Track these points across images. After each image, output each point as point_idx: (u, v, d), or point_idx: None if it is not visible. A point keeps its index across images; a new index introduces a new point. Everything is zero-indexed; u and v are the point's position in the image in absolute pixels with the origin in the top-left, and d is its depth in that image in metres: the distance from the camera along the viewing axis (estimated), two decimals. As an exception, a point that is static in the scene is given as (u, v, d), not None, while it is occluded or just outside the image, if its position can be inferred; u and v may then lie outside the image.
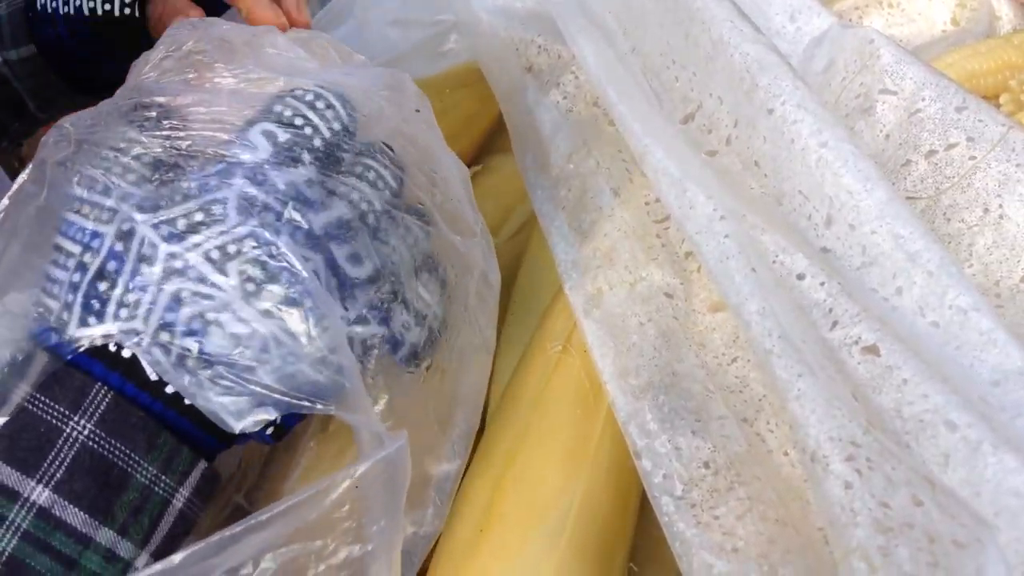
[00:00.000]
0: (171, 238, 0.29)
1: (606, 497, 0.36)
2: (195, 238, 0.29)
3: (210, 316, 0.29)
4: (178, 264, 0.29)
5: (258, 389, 0.29)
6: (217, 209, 0.30)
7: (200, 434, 0.30)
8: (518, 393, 0.39)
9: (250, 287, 0.29)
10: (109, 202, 0.30)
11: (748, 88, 0.41)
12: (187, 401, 0.29)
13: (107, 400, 0.28)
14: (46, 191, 0.31)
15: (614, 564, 0.36)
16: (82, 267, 0.30)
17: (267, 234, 0.30)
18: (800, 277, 0.34)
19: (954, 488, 0.28)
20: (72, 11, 0.45)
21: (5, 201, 0.33)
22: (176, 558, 0.27)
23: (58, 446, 0.27)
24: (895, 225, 0.34)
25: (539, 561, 0.33)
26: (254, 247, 0.30)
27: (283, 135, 0.32)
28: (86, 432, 0.28)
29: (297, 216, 0.30)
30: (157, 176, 0.31)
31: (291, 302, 0.29)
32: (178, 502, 0.30)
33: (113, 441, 0.28)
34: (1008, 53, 0.57)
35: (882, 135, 0.42)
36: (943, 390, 0.29)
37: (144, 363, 0.29)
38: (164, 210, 0.30)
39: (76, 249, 0.30)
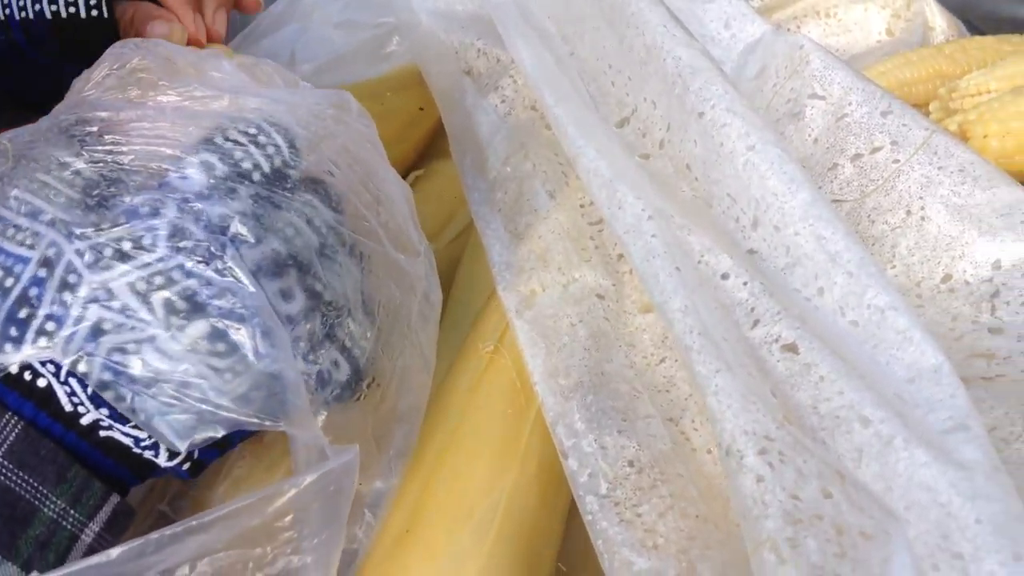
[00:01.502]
0: (96, 266, 0.28)
1: (534, 496, 0.36)
2: (121, 267, 0.28)
3: (131, 348, 0.28)
4: (101, 293, 0.28)
5: (203, 407, 0.28)
6: (147, 239, 0.29)
7: (113, 466, 0.29)
8: (450, 394, 0.39)
9: (175, 320, 0.28)
10: (37, 226, 0.29)
11: (680, 92, 0.41)
12: (102, 433, 0.28)
13: (16, 430, 0.27)
14: None
15: (542, 563, 0.36)
16: (3, 291, 0.28)
17: (197, 266, 0.29)
18: (724, 277, 0.34)
19: (866, 482, 0.28)
20: (31, 15, 0.44)
21: None
22: (113, 552, 0.26)
23: None
24: (818, 226, 0.35)
25: (465, 559, 0.33)
26: (182, 279, 0.29)
27: (221, 167, 0.31)
28: None
29: (229, 251, 0.29)
30: (92, 197, 0.30)
31: (237, 318, 0.29)
32: (87, 537, 0.28)
33: (20, 473, 0.27)
34: (939, 62, 0.59)
35: (811, 139, 0.43)
36: (858, 387, 0.30)
37: (60, 393, 0.28)
38: (92, 237, 0.29)
39: None
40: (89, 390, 0.28)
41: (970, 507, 0.26)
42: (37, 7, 0.44)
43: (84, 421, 0.28)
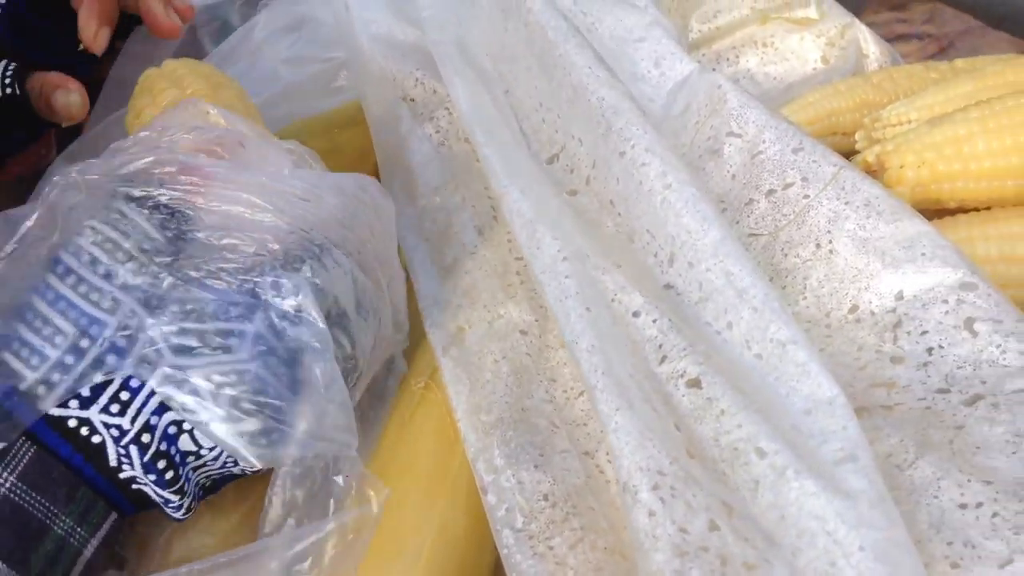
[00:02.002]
0: (180, 352, 0.30)
1: (463, 528, 0.37)
2: (203, 359, 0.30)
3: (186, 427, 0.30)
4: (178, 376, 0.30)
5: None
6: (234, 341, 0.30)
7: (128, 507, 0.31)
8: (383, 430, 0.40)
9: (235, 414, 0.30)
10: (110, 288, 0.31)
11: (604, 131, 0.43)
12: (134, 487, 0.31)
13: (30, 454, 0.29)
14: (57, 235, 0.31)
15: (471, 593, 0.37)
16: (77, 351, 0.30)
17: (267, 375, 0.31)
18: (636, 315, 0.36)
19: (762, 512, 0.30)
20: None
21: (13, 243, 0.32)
22: None
23: None
24: (727, 263, 0.36)
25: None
26: (253, 384, 0.31)
27: (308, 292, 0.32)
28: (7, 485, 0.28)
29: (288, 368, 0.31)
30: (158, 267, 0.31)
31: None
32: (88, 551, 0.31)
33: (34, 494, 0.29)
34: (866, 91, 0.61)
35: (729, 175, 0.44)
36: (756, 420, 0.31)
37: (111, 452, 0.30)
38: (176, 320, 0.30)
39: (68, 328, 0.30)
40: (146, 458, 0.30)
41: (854, 535, 0.28)
42: None
43: (123, 476, 0.30)
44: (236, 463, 0.31)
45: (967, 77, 0.55)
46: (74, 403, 0.30)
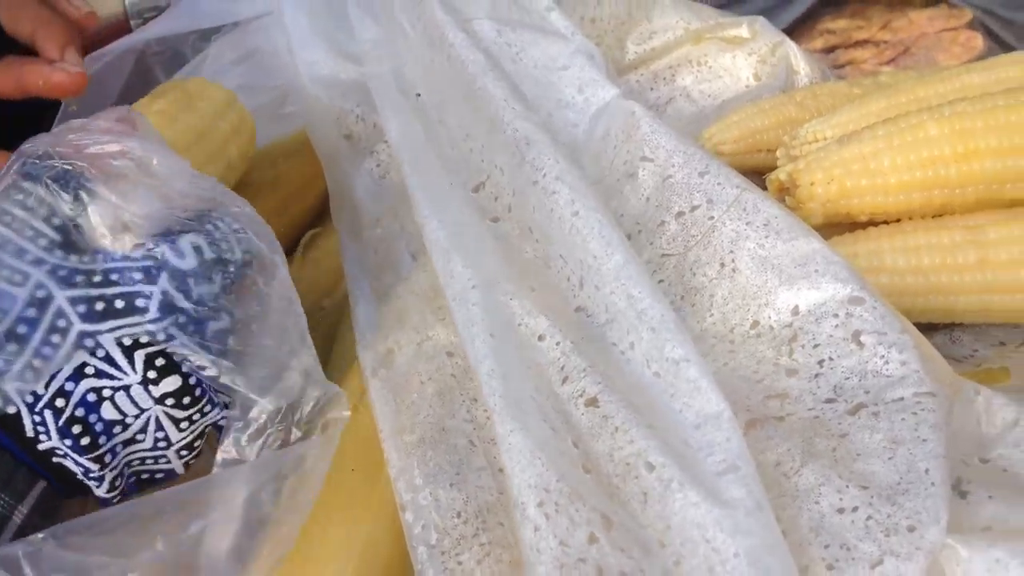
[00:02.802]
0: (88, 317, 0.32)
1: (387, 544, 0.39)
2: (112, 323, 0.32)
3: (106, 393, 0.32)
4: (89, 343, 0.32)
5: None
6: (140, 302, 0.32)
7: (54, 482, 0.33)
8: (310, 452, 0.42)
9: (152, 375, 0.33)
10: (20, 264, 0.32)
11: (519, 161, 0.45)
12: (55, 459, 0.32)
13: None
14: None
15: (397, 607, 0.39)
16: None
17: (178, 333, 0.33)
18: (541, 338, 0.38)
19: (651, 523, 0.32)
20: None
21: None
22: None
23: None
24: (628, 286, 0.39)
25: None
26: (163, 341, 0.33)
27: (209, 253, 0.35)
28: None
29: (198, 326, 0.34)
30: (69, 243, 0.33)
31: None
32: (17, 517, 0.32)
33: None
34: (789, 109, 0.63)
35: (643, 198, 0.47)
36: (647, 435, 0.34)
37: (27, 421, 0.31)
38: (82, 288, 0.32)
39: None
40: (60, 422, 0.32)
41: (730, 542, 0.30)
42: None
43: (41, 447, 0.32)
44: (167, 442, 0.34)
45: (880, 94, 0.58)
46: None
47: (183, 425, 0.34)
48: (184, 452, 0.35)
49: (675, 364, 0.36)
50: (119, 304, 0.32)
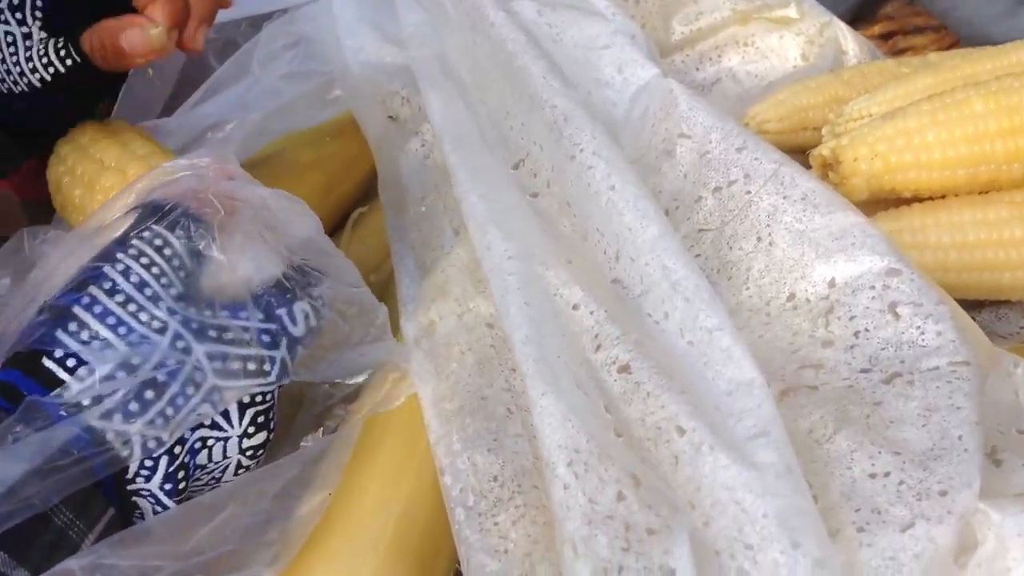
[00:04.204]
0: (223, 375, 0.33)
1: (427, 506, 0.40)
2: (242, 383, 0.34)
3: (210, 443, 0.34)
4: (215, 396, 0.33)
5: None
6: (267, 367, 0.34)
7: (114, 498, 0.33)
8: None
9: (251, 430, 0.35)
10: (157, 311, 0.33)
11: (557, 137, 0.46)
12: (136, 500, 0.33)
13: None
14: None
15: (436, 567, 0.40)
16: (128, 367, 0.31)
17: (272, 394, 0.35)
18: (575, 308, 0.38)
19: (681, 485, 0.32)
20: (26, 88, 0.46)
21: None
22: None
23: None
24: (663, 257, 0.39)
25: (360, 563, 0.38)
26: (271, 401, 0.35)
27: (313, 320, 0.37)
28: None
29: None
30: (192, 294, 0.34)
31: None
32: (85, 546, 0.32)
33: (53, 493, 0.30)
34: (836, 88, 0.63)
35: (681, 174, 0.47)
36: (679, 400, 0.34)
37: (133, 463, 0.32)
38: (219, 344, 0.33)
39: (119, 344, 0.31)
40: (171, 468, 0.33)
41: (760, 503, 0.31)
42: (26, 80, 0.46)
43: (131, 487, 0.32)
44: (217, 481, 0.35)
45: (927, 71, 0.57)
46: (119, 418, 0.31)
47: (240, 471, 0.36)
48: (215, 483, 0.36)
49: (708, 333, 0.36)
50: (251, 366, 0.34)
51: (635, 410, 0.35)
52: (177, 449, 0.33)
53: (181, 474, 0.33)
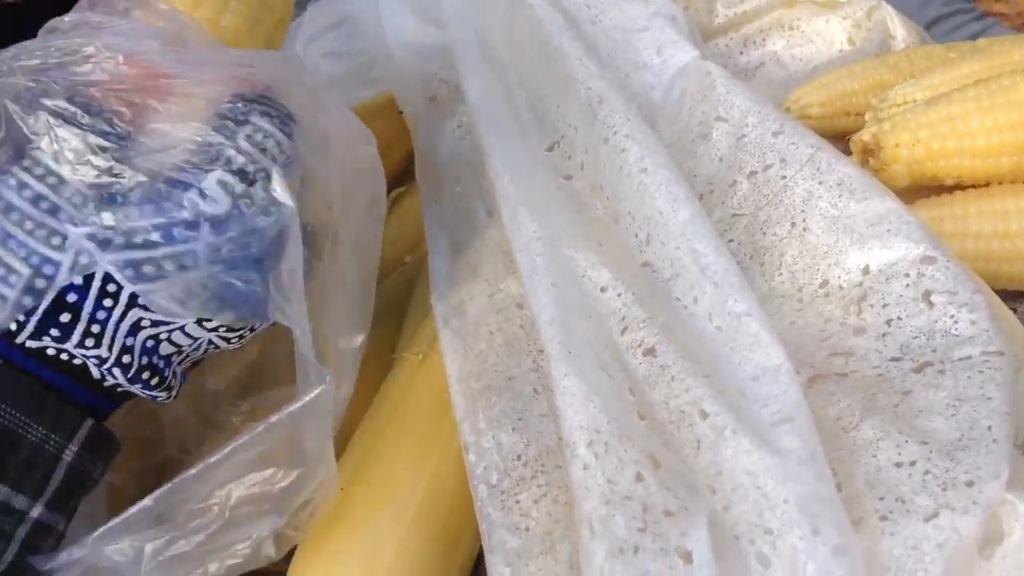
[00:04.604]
0: (138, 279, 0.31)
1: (452, 481, 0.40)
2: (163, 283, 0.32)
3: (162, 336, 0.33)
4: (141, 301, 0.32)
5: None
6: (188, 260, 0.32)
7: (81, 390, 0.33)
8: (384, 395, 0.44)
9: (206, 313, 0.33)
10: (56, 224, 0.31)
11: (591, 120, 0.46)
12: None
13: None
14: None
15: (461, 542, 0.40)
16: (33, 291, 0.31)
17: (227, 276, 0.33)
18: (603, 290, 0.38)
19: (703, 469, 0.32)
20: None
21: None
22: (148, 500, 0.32)
23: None
24: (693, 241, 0.39)
25: (383, 539, 0.38)
26: (216, 285, 0.32)
27: (238, 187, 0.33)
28: None
29: (242, 253, 0.33)
30: (100, 194, 0.32)
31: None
32: (67, 457, 0.33)
33: (3, 406, 0.31)
34: (880, 72, 0.62)
35: (717, 158, 0.46)
36: (703, 384, 0.34)
37: (93, 372, 0.33)
38: (127, 250, 0.31)
39: (23, 269, 0.31)
40: (129, 375, 0.33)
41: (781, 489, 0.30)
42: None
43: (107, 384, 0.33)
44: (215, 347, 0.35)
45: (974, 57, 0.56)
46: (48, 340, 0.31)
47: (232, 340, 0.35)
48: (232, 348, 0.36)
49: (737, 318, 0.36)
50: (168, 265, 0.32)
51: (659, 393, 0.35)
52: (126, 359, 0.32)
53: (147, 374, 0.33)
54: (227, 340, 0.35)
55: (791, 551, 0.29)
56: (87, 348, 0.32)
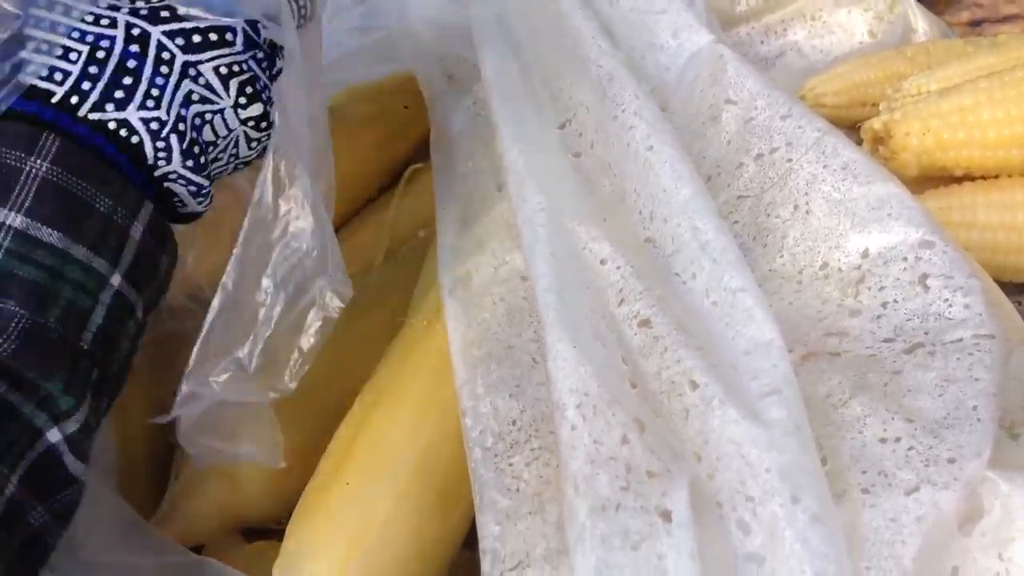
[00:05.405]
0: (188, 49, 0.34)
1: (449, 446, 0.41)
2: (210, 53, 0.35)
3: (207, 117, 0.35)
4: (192, 72, 0.34)
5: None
6: (229, 36, 0.35)
7: (137, 175, 0.34)
8: (388, 357, 0.45)
9: (242, 100, 0.36)
10: (100, 10, 0.34)
11: (601, 97, 0.46)
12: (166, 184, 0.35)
13: (56, 144, 0.32)
14: None
15: (456, 505, 0.41)
16: (96, 61, 0.33)
17: (258, 66, 0.36)
18: (603, 262, 0.39)
19: (691, 438, 0.33)
20: None
21: None
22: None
23: (21, 181, 0.31)
24: (694, 218, 0.40)
25: (379, 497, 0.39)
26: (251, 71, 0.36)
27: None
28: (43, 169, 0.31)
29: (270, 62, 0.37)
30: None
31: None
32: (135, 233, 0.34)
33: (69, 175, 0.32)
34: (897, 63, 0.62)
35: (725, 140, 0.47)
36: (695, 356, 0.35)
37: (148, 149, 0.34)
38: (173, 22, 0.34)
39: (81, 47, 0.33)
40: (184, 145, 0.35)
41: (764, 457, 0.31)
42: None
43: (158, 172, 0.34)
44: (236, 157, 0.37)
45: (990, 50, 0.56)
46: (111, 107, 0.33)
47: (253, 144, 0.38)
48: (242, 166, 0.39)
49: (732, 293, 0.37)
50: (212, 37, 0.35)
51: (652, 363, 0.35)
52: (181, 127, 0.34)
53: (196, 149, 0.35)
54: (249, 143, 0.37)
55: (771, 517, 0.30)
56: (148, 109, 0.34)
